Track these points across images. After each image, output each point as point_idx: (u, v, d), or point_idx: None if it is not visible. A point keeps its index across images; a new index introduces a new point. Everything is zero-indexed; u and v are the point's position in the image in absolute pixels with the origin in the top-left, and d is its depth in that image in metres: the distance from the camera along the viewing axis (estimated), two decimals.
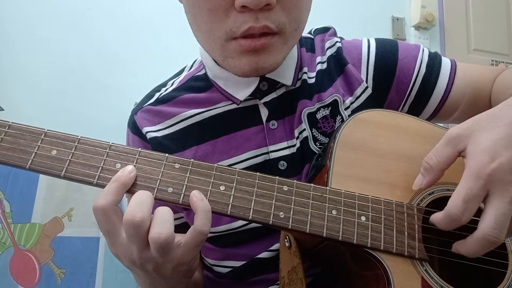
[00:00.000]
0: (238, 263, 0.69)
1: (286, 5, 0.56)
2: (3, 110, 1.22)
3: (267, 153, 0.67)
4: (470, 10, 2.40)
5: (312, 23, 0.74)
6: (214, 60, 0.69)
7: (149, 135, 0.70)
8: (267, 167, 0.66)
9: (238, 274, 0.69)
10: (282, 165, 0.66)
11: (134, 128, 0.73)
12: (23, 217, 1.26)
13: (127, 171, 0.48)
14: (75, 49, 1.67)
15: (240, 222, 0.66)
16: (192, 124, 0.70)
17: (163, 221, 0.45)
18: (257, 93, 0.68)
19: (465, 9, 2.40)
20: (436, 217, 0.48)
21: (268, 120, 0.67)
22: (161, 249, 0.45)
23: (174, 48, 1.75)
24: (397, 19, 2.27)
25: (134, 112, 0.74)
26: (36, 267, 1.23)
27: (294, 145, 0.67)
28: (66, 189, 1.33)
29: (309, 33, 0.79)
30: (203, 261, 0.76)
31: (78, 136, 0.49)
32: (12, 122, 0.48)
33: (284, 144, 0.67)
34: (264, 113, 0.68)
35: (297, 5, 0.58)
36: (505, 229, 0.45)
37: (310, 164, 0.66)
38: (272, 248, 0.66)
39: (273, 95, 0.68)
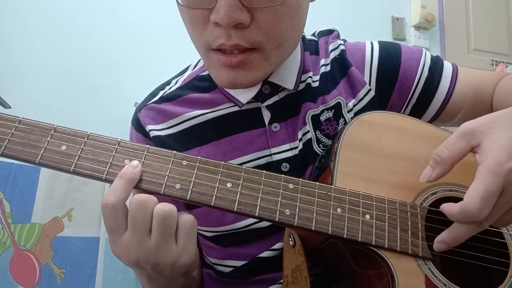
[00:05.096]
0: (240, 263, 0.69)
1: (262, 25, 0.55)
2: (11, 107, 1.22)
3: (270, 155, 0.67)
4: (470, 10, 2.41)
5: (312, 23, 0.75)
6: None
7: (152, 133, 0.71)
8: (270, 169, 0.66)
9: (240, 273, 0.69)
10: (285, 167, 0.66)
11: (138, 125, 0.73)
12: (23, 217, 1.26)
13: (132, 167, 0.48)
14: (75, 49, 1.68)
15: (244, 223, 0.66)
16: (196, 125, 0.70)
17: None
18: (259, 96, 0.68)
19: (465, 9, 2.41)
20: (450, 209, 0.47)
21: (270, 122, 0.68)
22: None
23: (174, 49, 1.74)
24: (397, 19, 2.28)
25: (138, 109, 0.75)
26: (36, 267, 1.22)
27: (297, 147, 0.67)
28: (66, 189, 1.32)
29: (313, 35, 0.80)
30: (203, 260, 0.76)
31: (87, 132, 0.50)
32: (22, 118, 0.49)
33: (286, 146, 0.67)
34: (266, 115, 0.68)
35: (274, 25, 0.56)
36: (492, 221, 0.47)
37: (313, 166, 0.67)
38: (274, 247, 0.66)
39: (275, 98, 0.69)
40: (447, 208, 0.48)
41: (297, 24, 0.60)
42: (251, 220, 0.65)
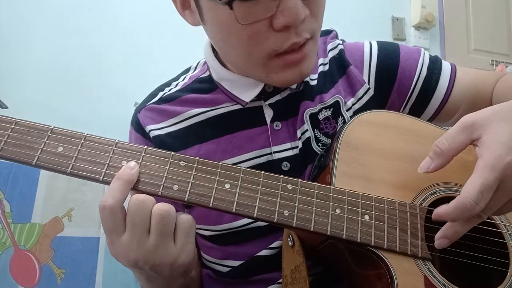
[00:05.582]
0: (238, 262, 0.69)
1: (316, 13, 0.58)
2: (8, 108, 1.22)
3: (270, 153, 0.67)
4: (470, 10, 2.40)
5: None
6: (220, 62, 0.70)
7: (152, 134, 0.71)
8: (270, 167, 0.66)
9: (238, 272, 0.69)
10: (285, 166, 0.66)
11: (137, 126, 0.73)
12: (23, 217, 1.26)
13: (129, 168, 0.48)
14: (75, 49, 1.67)
15: (242, 222, 0.66)
16: (196, 123, 0.70)
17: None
18: (262, 95, 0.68)
19: (465, 9, 2.40)
20: (444, 209, 0.47)
21: (272, 121, 0.68)
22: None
23: (174, 49, 1.75)
24: (397, 19, 2.27)
25: (138, 110, 0.74)
26: (36, 267, 1.22)
27: (297, 147, 0.67)
28: (66, 189, 1.33)
29: None
30: (201, 260, 0.76)
31: (84, 133, 0.49)
32: (18, 119, 0.49)
33: (287, 145, 0.67)
34: (268, 114, 0.68)
35: (322, 10, 0.60)
36: (489, 213, 0.47)
37: (312, 165, 0.67)
38: (272, 245, 0.66)
39: (277, 97, 0.69)
40: (442, 209, 0.47)
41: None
42: (249, 219, 0.65)
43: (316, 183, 0.52)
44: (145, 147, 0.50)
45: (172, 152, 0.51)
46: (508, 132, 0.47)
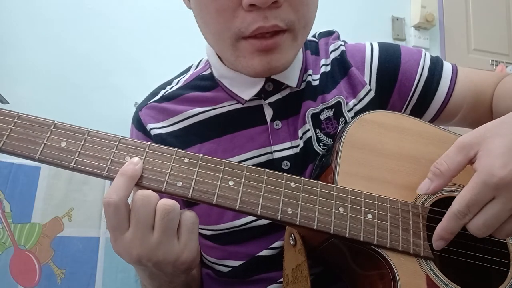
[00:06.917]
0: (239, 262, 0.69)
1: (293, 2, 0.57)
2: (8, 103, 1.21)
3: (271, 152, 0.67)
4: (470, 10, 2.41)
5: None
6: (221, 60, 0.70)
7: (153, 132, 0.71)
8: (270, 166, 0.66)
9: (239, 272, 0.69)
10: (286, 165, 0.66)
11: (139, 124, 0.74)
12: (23, 217, 1.26)
13: (133, 164, 0.48)
14: (75, 49, 1.68)
15: (242, 221, 0.66)
16: (197, 122, 0.70)
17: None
18: (262, 93, 0.68)
19: (465, 9, 2.41)
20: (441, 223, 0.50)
21: (272, 120, 0.68)
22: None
23: (175, 48, 1.76)
24: (397, 19, 2.28)
25: (139, 108, 0.75)
26: (36, 267, 1.22)
27: (298, 146, 0.67)
28: (66, 189, 1.32)
29: (313, 36, 0.80)
30: (202, 260, 0.76)
31: (87, 128, 0.49)
32: (21, 113, 0.48)
33: (287, 144, 0.67)
34: (268, 113, 0.69)
35: (303, 2, 0.58)
36: (491, 230, 0.47)
37: (313, 165, 0.67)
38: (273, 246, 0.66)
39: (277, 96, 0.69)
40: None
41: (317, 5, 0.62)
42: (250, 218, 0.65)
43: (319, 182, 0.52)
44: (149, 143, 0.50)
45: (176, 149, 0.51)
46: (502, 146, 0.47)
